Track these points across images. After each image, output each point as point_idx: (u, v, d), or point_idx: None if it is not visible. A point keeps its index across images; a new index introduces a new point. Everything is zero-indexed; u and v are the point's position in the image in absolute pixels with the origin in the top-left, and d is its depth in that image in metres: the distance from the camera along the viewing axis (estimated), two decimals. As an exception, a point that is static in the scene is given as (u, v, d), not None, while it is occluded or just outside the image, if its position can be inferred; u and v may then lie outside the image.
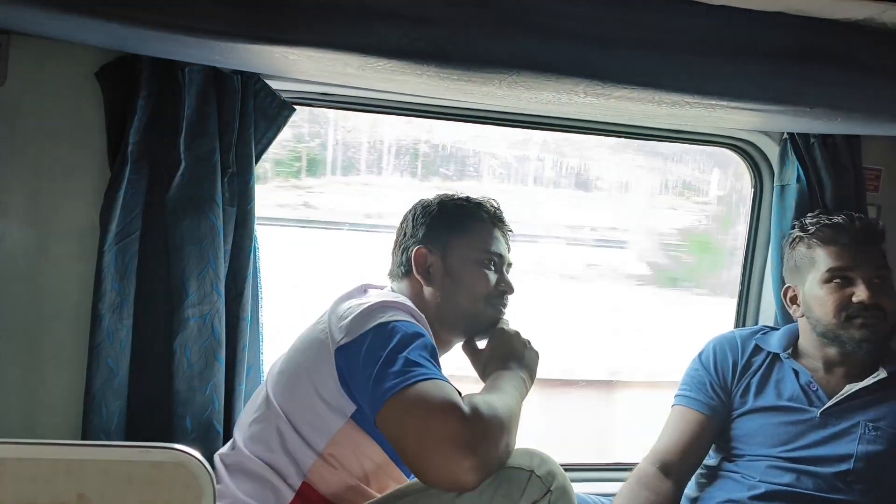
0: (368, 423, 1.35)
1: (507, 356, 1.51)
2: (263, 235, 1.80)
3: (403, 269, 1.59)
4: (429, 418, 1.21)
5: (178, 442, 0.95)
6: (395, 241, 1.64)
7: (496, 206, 1.65)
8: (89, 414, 1.61)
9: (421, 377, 1.25)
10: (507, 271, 1.63)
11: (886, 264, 1.80)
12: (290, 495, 1.37)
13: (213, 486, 0.92)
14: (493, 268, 1.59)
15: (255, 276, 1.77)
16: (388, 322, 1.34)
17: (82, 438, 1.62)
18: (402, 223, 1.64)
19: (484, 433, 1.22)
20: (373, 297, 1.43)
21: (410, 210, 1.64)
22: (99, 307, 1.60)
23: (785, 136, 2.07)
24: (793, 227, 1.93)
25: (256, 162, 1.74)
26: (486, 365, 1.51)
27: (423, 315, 1.45)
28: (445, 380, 1.28)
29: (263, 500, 1.37)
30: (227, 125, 1.68)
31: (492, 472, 1.24)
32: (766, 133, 2.12)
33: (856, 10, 1.23)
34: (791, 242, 1.90)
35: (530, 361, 1.52)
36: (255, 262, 1.76)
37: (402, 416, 1.24)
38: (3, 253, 1.66)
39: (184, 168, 1.64)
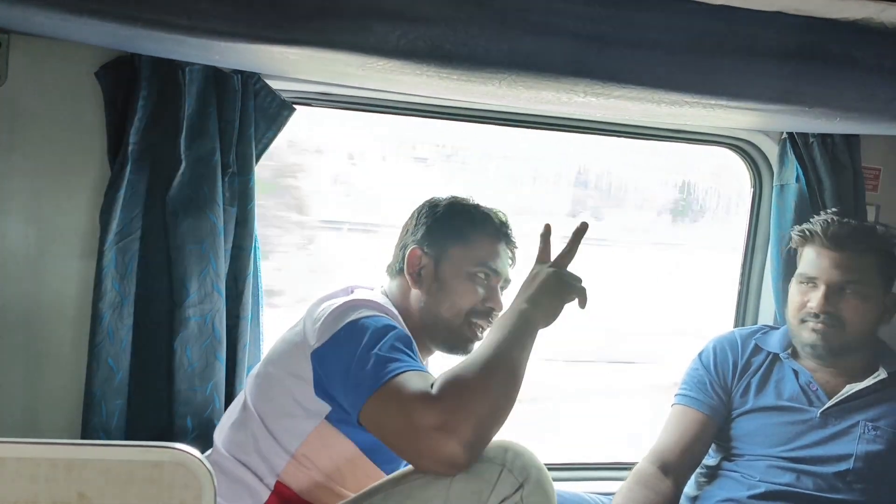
0: (343, 421, 1.36)
1: (523, 287, 1.41)
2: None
3: (398, 267, 1.58)
4: (402, 412, 1.21)
5: (178, 441, 0.95)
6: (399, 236, 1.63)
7: (504, 219, 1.59)
8: (89, 413, 1.62)
9: (393, 372, 1.25)
10: (504, 287, 1.59)
11: (865, 274, 1.75)
12: (265, 494, 1.39)
13: (214, 485, 0.92)
14: (485, 282, 1.54)
15: (256, 276, 1.77)
16: (358, 320, 1.34)
17: (82, 437, 1.62)
18: (408, 219, 1.62)
19: (458, 414, 1.19)
20: (346, 298, 1.43)
21: (419, 207, 1.61)
22: (99, 306, 1.60)
23: (784, 135, 2.07)
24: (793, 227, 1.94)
25: (256, 162, 1.74)
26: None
27: (397, 313, 1.45)
28: (419, 367, 1.28)
29: (239, 500, 1.39)
30: (227, 125, 1.68)
31: (484, 441, 1.22)
32: (765, 133, 2.12)
33: (854, 10, 1.23)
34: (790, 240, 1.91)
35: (544, 288, 1.38)
36: (255, 262, 1.76)
37: (380, 415, 1.25)
38: (3, 253, 1.66)
39: (184, 168, 1.65)
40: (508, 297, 1.49)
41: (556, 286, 1.39)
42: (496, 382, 1.25)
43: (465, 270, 1.53)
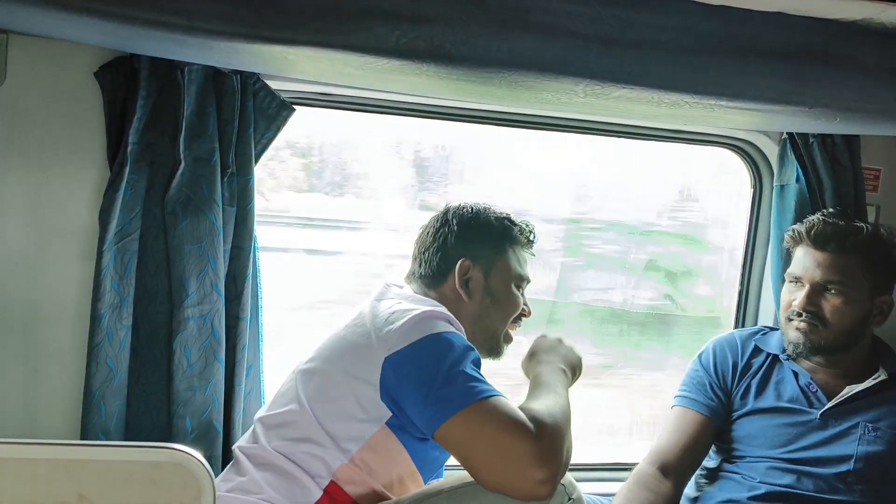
0: (402, 430, 1.37)
1: (549, 351, 1.55)
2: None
3: (440, 278, 1.57)
4: (498, 436, 1.26)
5: (177, 442, 0.95)
6: (429, 243, 1.60)
7: (532, 228, 1.66)
8: (88, 414, 1.61)
9: (485, 394, 1.29)
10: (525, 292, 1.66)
11: (847, 275, 1.76)
12: (318, 493, 1.38)
13: (213, 485, 0.91)
14: (522, 291, 1.62)
15: (255, 276, 1.77)
16: (441, 333, 1.36)
17: (81, 438, 1.62)
18: (439, 226, 1.61)
19: (553, 448, 1.27)
20: (419, 305, 1.43)
21: (452, 214, 1.61)
22: (98, 307, 1.60)
23: (784, 135, 2.07)
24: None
25: (256, 162, 1.74)
26: (529, 363, 1.56)
27: (462, 327, 1.46)
28: (503, 395, 1.32)
29: (291, 496, 1.38)
30: (226, 125, 1.68)
31: (560, 478, 1.30)
32: (765, 133, 2.12)
33: (855, 10, 1.23)
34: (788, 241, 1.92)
35: (573, 358, 1.56)
36: (254, 262, 1.76)
37: (470, 433, 1.28)
38: (3, 253, 1.66)
39: (183, 168, 1.64)
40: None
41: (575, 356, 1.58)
42: (569, 422, 1.36)
43: (511, 282, 1.60)
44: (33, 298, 1.67)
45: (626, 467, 1.91)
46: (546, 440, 1.27)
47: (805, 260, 1.80)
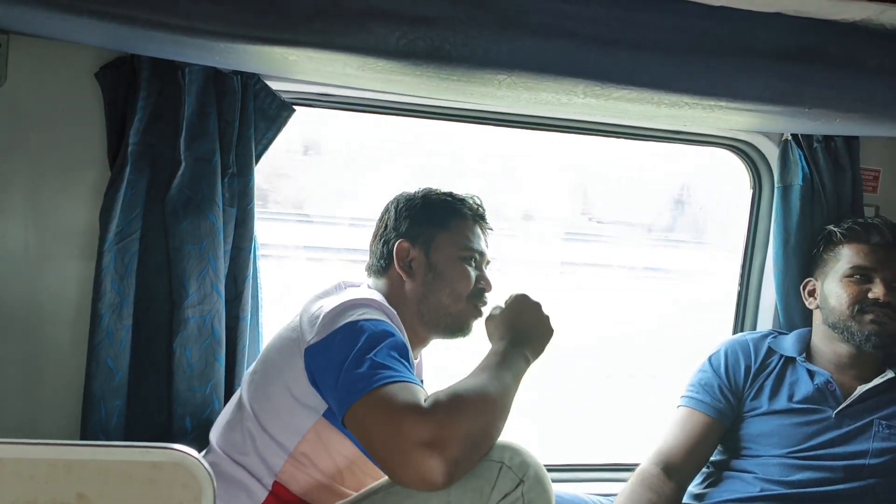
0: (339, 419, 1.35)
1: (515, 325, 1.45)
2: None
3: (384, 263, 1.58)
4: (391, 421, 1.19)
5: (177, 442, 0.95)
6: (375, 234, 1.63)
7: (479, 202, 1.64)
8: (88, 413, 1.62)
9: (386, 380, 1.23)
10: (486, 268, 1.63)
11: None
12: (263, 495, 1.38)
13: (213, 486, 0.92)
14: (473, 265, 1.58)
15: (255, 277, 1.77)
16: (357, 321, 1.33)
17: (81, 438, 1.62)
18: (383, 215, 1.63)
19: (447, 431, 1.18)
20: (345, 295, 1.42)
21: (392, 202, 1.63)
22: (98, 307, 1.60)
23: (787, 136, 2.07)
24: (826, 226, 1.97)
25: (256, 162, 1.74)
26: (493, 329, 1.48)
27: (395, 312, 1.44)
28: (413, 380, 1.27)
29: (236, 501, 1.38)
30: (227, 125, 1.68)
31: (465, 466, 1.21)
32: (764, 134, 2.12)
33: (854, 11, 1.23)
34: (822, 240, 1.94)
35: (539, 335, 1.46)
36: (254, 263, 1.76)
37: (367, 420, 1.22)
38: (2, 252, 1.66)
39: (184, 168, 1.65)
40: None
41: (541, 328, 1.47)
42: (489, 407, 1.26)
43: (456, 255, 1.57)
44: (33, 298, 1.67)
45: (626, 468, 1.92)
46: (440, 423, 1.18)
47: (875, 254, 1.83)
